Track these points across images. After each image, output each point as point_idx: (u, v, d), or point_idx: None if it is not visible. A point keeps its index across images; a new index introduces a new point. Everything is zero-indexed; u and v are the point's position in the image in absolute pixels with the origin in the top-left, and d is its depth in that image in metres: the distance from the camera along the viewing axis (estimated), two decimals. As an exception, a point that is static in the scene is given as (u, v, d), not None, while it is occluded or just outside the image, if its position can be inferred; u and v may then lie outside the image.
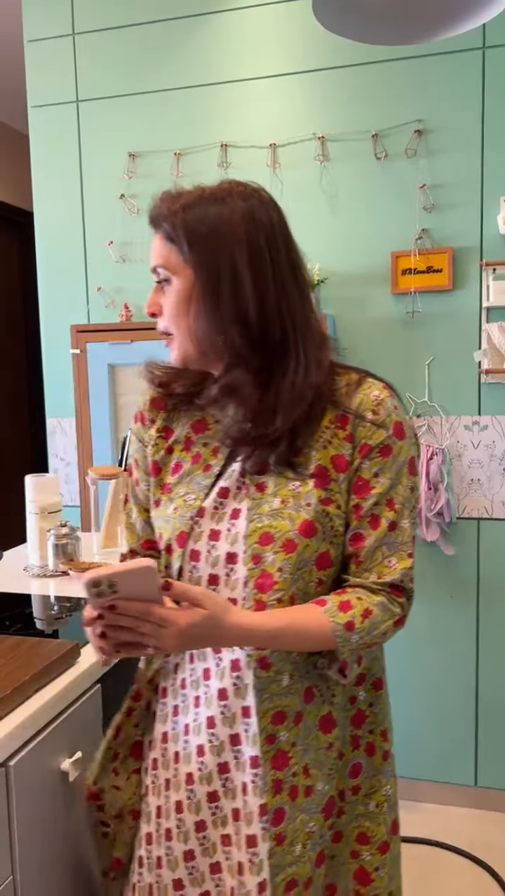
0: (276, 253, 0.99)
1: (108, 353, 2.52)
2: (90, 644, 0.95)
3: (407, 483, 1.02)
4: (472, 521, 2.35)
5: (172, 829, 1.07)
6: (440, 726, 2.44)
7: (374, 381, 1.03)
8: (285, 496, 0.99)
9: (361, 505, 1.00)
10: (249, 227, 0.97)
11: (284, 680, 1.01)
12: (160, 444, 1.11)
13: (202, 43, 2.42)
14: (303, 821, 1.03)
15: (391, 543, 1.00)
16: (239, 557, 1.00)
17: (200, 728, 1.04)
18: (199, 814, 1.04)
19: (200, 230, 0.98)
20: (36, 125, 2.62)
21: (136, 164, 2.52)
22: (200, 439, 1.08)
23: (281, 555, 0.97)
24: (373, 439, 1.00)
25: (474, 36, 2.20)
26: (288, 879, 1.02)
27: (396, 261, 2.31)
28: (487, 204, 2.25)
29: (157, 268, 1.03)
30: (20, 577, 1.88)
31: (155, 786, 1.10)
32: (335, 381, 1.03)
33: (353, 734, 1.09)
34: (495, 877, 2.12)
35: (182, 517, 1.04)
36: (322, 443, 1.00)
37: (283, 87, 2.37)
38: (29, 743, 1.12)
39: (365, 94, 2.30)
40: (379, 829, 1.11)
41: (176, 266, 1.01)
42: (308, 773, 1.03)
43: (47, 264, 2.66)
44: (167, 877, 1.07)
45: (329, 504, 0.99)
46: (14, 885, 1.09)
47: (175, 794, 1.06)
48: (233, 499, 1.02)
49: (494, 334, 2.25)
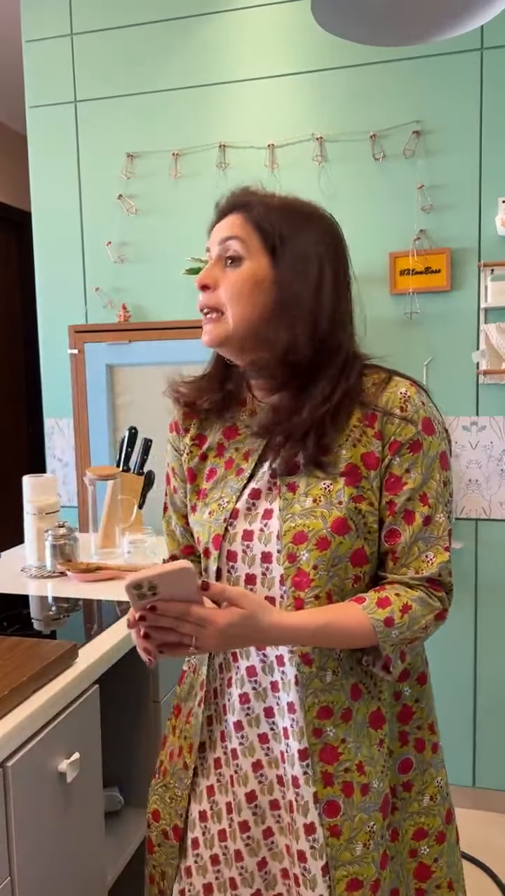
0: (346, 268, 1.06)
1: (106, 354, 2.52)
2: (136, 646, 0.97)
3: (439, 478, 1.03)
4: (470, 521, 2.35)
5: (233, 826, 1.10)
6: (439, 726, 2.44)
7: (400, 378, 1.05)
8: (317, 495, 1.01)
9: (394, 501, 1.01)
10: (335, 251, 1.04)
11: (328, 676, 1.02)
12: (194, 451, 1.14)
13: (200, 43, 2.42)
14: (362, 819, 1.04)
15: (427, 538, 1.01)
16: (274, 556, 1.02)
17: (259, 719, 1.07)
18: (268, 797, 1.09)
19: (299, 229, 1.01)
20: (34, 125, 2.62)
21: (135, 165, 2.52)
22: (232, 444, 1.11)
23: (315, 552, 0.99)
24: (402, 435, 1.01)
25: (473, 37, 2.20)
26: (350, 878, 1.03)
27: (395, 261, 2.31)
28: (486, 205, 2.25)
29: (229, 241, 1.02)
30: (18, 578, 1.88)
31: (221, 784, 1.11)
32: (363, 381, 1.05)
33: (400, 730, 1.10)
34: (494, 877, 2.12)
35: (217, 520, 1.07)
36: (351, 441, 1.02)
37: (281, 87, 2.37)
38: (27, 743, 1.12)
39: (363, 94, 2.30)
40: (435, 822, 1.12)
41: (253, 249, 1.01)
42: (363, 771, 1.04)
43: (45, 264, 2.65)
44: (226, 874, 1.10)
45: (361, 501, 1.01)
46: (11, 885, 1.09)
47: (242, 788, 1.09)
48: (264, 499, 1.05)
49: (493, 335, 2.25)
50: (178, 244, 2.49)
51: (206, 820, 1.12)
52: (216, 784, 1.12)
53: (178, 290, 2.51)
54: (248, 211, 1.03)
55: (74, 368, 2.56)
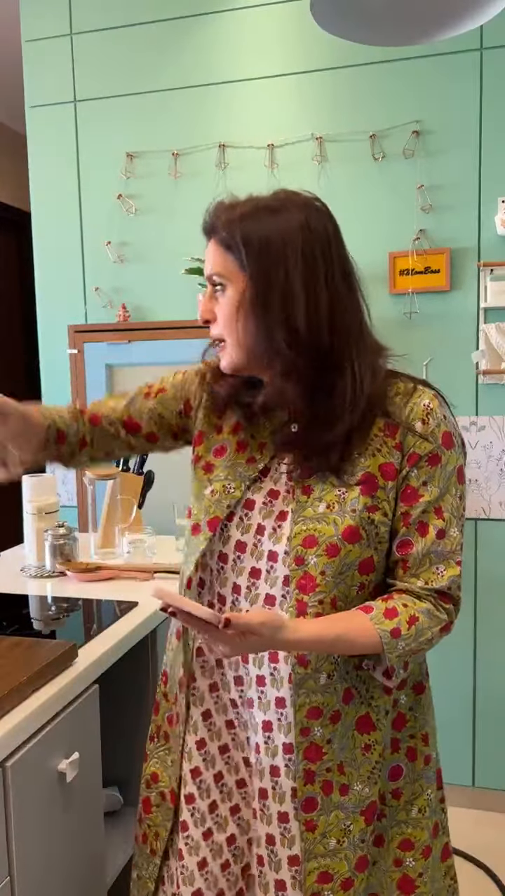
0: (329, 264, 1.00)
1: (106, 354, 2.52)
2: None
3: (455, 492, 1.03)
4: (469, 521, 2.35)
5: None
6: (438, 727, 2.44)
7: (425, 389, 1.04)
8: (331, 501, 1.01)
9: (409, 513, 1.01)
10: (305, 237, 0.99)
11: (322, 678, 1.03)
12: (212, 419, 1.13)
13: (200, 43, 2.42)
14: (338, 817, 1.05)
15: (439, 552, 1.01)
16: (280, 557, 1.03)
17: (226, 708, 1.12)
18: (237, 773, 1.13)
19: (257, 239, 0.99)
20: (34, 125, 2.62)
21: (134, 165, 2.52)
22: (249, 429, 1.10)
23: (324, 558, 1.00)
24: (421, 448, 1.01)
25: (472, 37, 2.20)
26: (322, 871, 1.05)
27: (394, 261, 2.31)
28: (485, 205, 2.25)
29: (212, 275, 1.04)
30: (17, 578, 1.88)
31: (207, 762, 1.14)
32: (388, 390, 1.04)
33: (393, 737, 1.11)
34: (493, 877, 2.12)
35: (219, 503, 1.07)
36: (371, 450, 1.01)
37: (280, 87, 2.37)
38: (26, 743, 1.12)
39: (363, 95, 2.30)
40: (422, 835, 1.12)
41: (232, 274, 1.01)
42: (343, 771, 1.06)
43: (45, 264, 2.65)
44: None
45: (375, 511, 1.01)
46: (11, 885, 1.09)
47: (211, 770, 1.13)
48: (281, 501, 1.05)
49: (492, 335, 2.25)
50: (177, 244, 2.49)
51: (193, 801, 1.14)
52: (201, 764, 1.14)
53: (177, 289, 2.51)
54: (215, 235, 1.03)
55: (74, 368, 2.56)
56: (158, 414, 1.18)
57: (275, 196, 1.03)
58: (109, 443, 1.20)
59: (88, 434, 1.19)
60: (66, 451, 1.18)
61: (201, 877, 1.12)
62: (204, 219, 1.05)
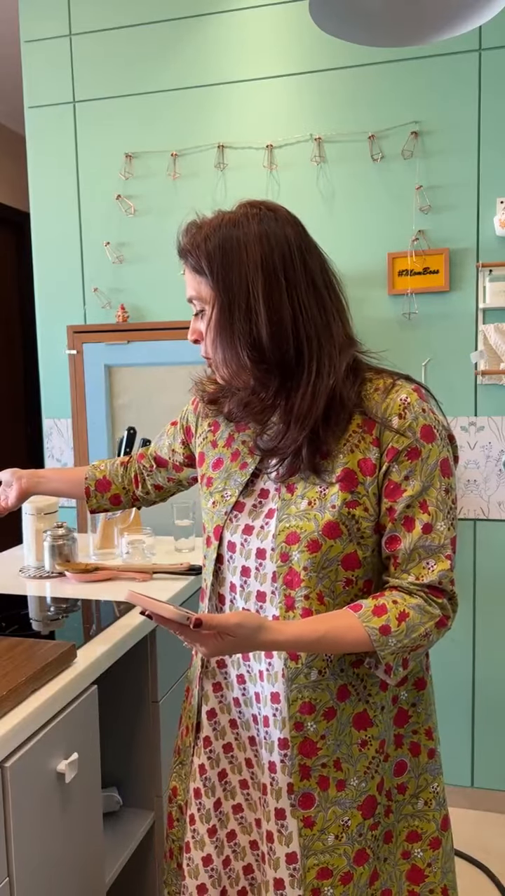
0: (291, 271, 1.01)
1: (105, 354, 2.52)
2: None
3: (440, 485, 1.02)
4: (468, 521, 2.36)
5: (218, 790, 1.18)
6: (438, 730, 2.44)
7: (404, 384, 1.04)
8: (312, 498, 1.03)
9: (394, 508, 1.02)
10: (264, 248, 1.00)
11: (313, 674, 1.04)
12: (208, 437, 1.21)
13: (199, 44, 2.42)
14: (336, 813, 1.06)
15: (427, 546, 1.01)
16: (267, 553, 1.06)
17: (230, 707, 1.15)
18: (240, 773, 1.16)
19: (217, 257, 1.01)
20: (33, 126, 2.62)
21: (133, 165, 2.52)
22: (240, 437, 1.15)
23: (305, 554, 1.02)
24: (399, 443, 1.01)
25: (471, 38, 2.20)
26: (321, 867, 1.06)
27: (393, 262, 2.31)
28: (484, 205, 2.25)
29: (191, 299, 1.07)
30: (16, 578, 1.88)
31: (212, 759, 1.18)
32: (366, 387, 1.04)
33: (396, 733, 1.11)
34: (492, 878, 2.12)
35: (219, 512, 1.13)
36: (350, 447, 1.03)
37: (279, 88, 2.38)
38: (25, 744, 1.12)
39: (362, 95, 2.31)
40: (429, 826, 1.13)
41: (206, 296, 1.05)
42: (339, 767, 1.06)
43: (44, 265, 2.65)
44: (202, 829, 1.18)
45: (356, 507, 1.01)
46: (10, 885, 1.09)
47: (223, 764, 1.18)
48: (270, 500, 1.09)
49: (491, 335, 2.25)
50: (176, 245, 2.49)
51: (200, 797, 1.17)
52: (206, 762, 1.17)
53: (176, 290, 2.51)
54: (187, 259, 1.06)
55: (73, 369, 2.56)
56: (171, 448, 1.34)
57: (236, 210, 1.05)
58: (154, 476, 1.39)
59: (139, 471, 1.41)
60: (125, 497, 1.42)
61: (206, 872, 1.15)
62: (177, 241, 1.08)
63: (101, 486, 1.41)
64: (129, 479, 1.40)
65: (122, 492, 1.41)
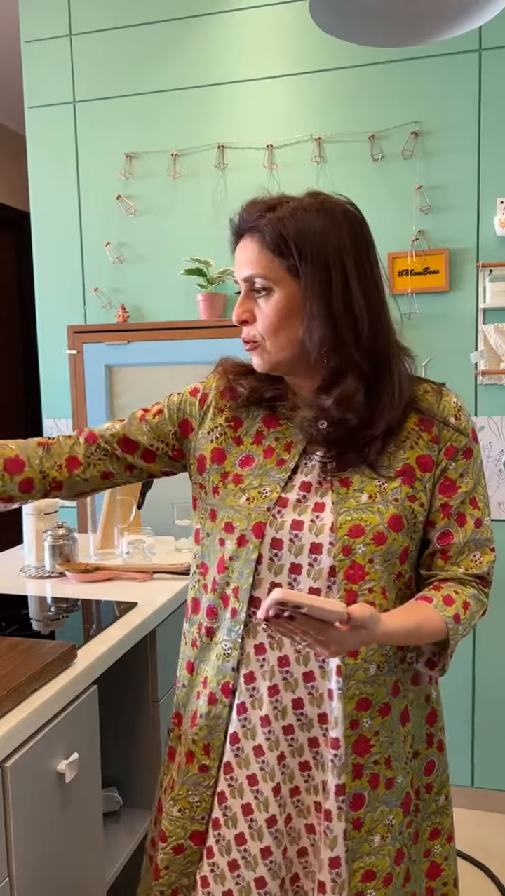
0: (371, 268, 1.03)
1: (105, 354, 2.52)
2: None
3: (484, 483, 1.10)
4: (468, 522, 2.36)
5: (251, 801, 1.09)
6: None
7: (448, 389, 1.11)
8: (372, 491, 1.04)
9: (448, 504, 1.06)
10: (355, 240, 1.01)
11: (372, 669, 1.04)
12: (228, 433, 1.13)
13: (199, 44, 2.42)
14: (382, 812, 1.06)
15: (477, 540, 1.07)
16: (324, 548, 1.03)
17: (287, 711, 1.07)
18: (292, 781, 1.08)
19: (311, 241, 0.98)
20: (33, 126, 2.62)
21: (133, 165, 2.52)
22: (272, 434, 1.11)
23: (371, 546, 1.02)
24: (458, 442, 1.07)
25: (471, 38, 2.20)
26: (367, 869, 1.05)
27: (393, 262, 2.31)
28: (484, 205, 2.25)
29: (254, 278, 1.01)
30: (17, 578, 1.88)
31: (234, 788, 1.10)
32: (417, 388, 1.08)
33: (428, 732, 1.13)
34: (493, 878, 2.12)
35: (258, 508, 1.06)
36: (409, 444, 1.06)
37: (279, 88, 2.38)
38: (26, 744, 1.12)
39: (362, 95, 2.31)
40: (447, 821, 1.16)
41: (279, 277, 1.00)
42: (390, 765, 1.07)
43: (44, 265, 2.65)
44: (254, 848, 1.09)
45: (414, 501, 1.05)
46: (10, 885, 1.09)
47: (269, 783, 1.08)
48: (315, 493, 1.06)
49: (491, 335, 2.25)
50: (176, 245, 2.49)
51: (218, 827, 1.10)
52: (227, 789, 1.10)
53: (176, 290, 2.51)
54: (260, 235, 1.00)
55: (73, 369, 2.56)
56: (155, 433, 1.17)
57: (314, 198, 1.02)
58: (106, 463, 1.18)
59: (85, 453, 1.17)
60: (39, 484, 1.16)
61: (232, 879, 1.10)
62: (241, 215, 1.03)
63: (9, 466, 1.13)
64: (53, 463, 1.16)
65: (38, 476, 1.15)
